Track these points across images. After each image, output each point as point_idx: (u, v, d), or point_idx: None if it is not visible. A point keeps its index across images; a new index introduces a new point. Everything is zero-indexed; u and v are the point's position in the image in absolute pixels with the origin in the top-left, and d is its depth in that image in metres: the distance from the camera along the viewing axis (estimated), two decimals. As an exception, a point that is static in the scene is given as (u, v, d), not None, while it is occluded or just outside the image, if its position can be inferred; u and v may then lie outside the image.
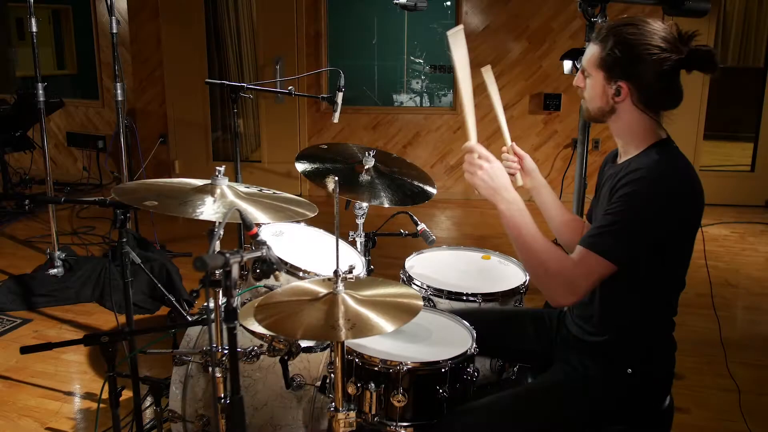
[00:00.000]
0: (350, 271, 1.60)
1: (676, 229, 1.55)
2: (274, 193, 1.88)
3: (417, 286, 2.19)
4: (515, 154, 2.01)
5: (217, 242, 1.29)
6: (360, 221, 2.50)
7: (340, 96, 2.69)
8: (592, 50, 1.64)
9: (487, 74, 2.00)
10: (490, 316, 1.94)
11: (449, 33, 1.72)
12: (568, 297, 1.55)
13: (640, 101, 1.61)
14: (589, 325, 1.73)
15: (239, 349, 1.78)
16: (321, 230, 2.59)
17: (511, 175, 1.96)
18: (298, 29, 5.84)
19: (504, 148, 2.02)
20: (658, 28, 1.56)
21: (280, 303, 1.55)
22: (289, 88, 2.84)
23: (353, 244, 2.55)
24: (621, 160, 1.71)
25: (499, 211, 1.65)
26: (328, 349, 1.95)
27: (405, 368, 1.64)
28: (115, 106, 3.94)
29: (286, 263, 2.14)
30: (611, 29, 1.59)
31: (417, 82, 6.39)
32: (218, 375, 1.69)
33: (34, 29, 3.67)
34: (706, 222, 5.50)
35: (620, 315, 1.66)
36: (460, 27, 1.72)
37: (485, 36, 5.80)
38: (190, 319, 2.73)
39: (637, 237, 1.51)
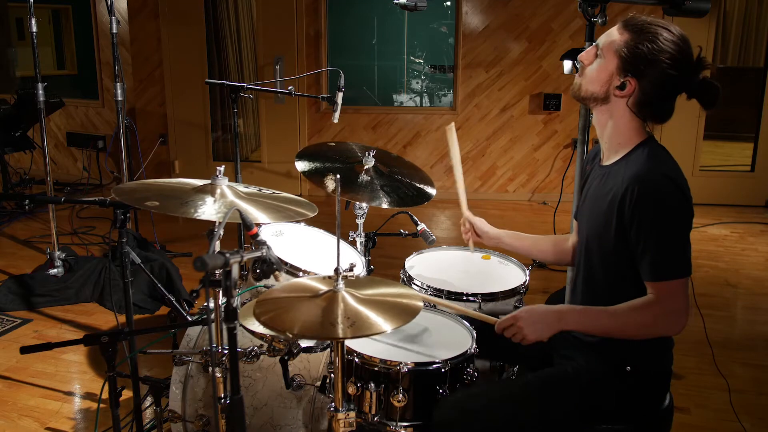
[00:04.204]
0: (351, 269, 1.60)
1: None
2: (273, 193, 1.88)
3: (417, 286, 2.19)
4: (468, 222, 2.15)
5: (217, 242, 1.29)
6: (360, 221, 2.50)
7: (340, 96, 2.69)
8: (617, 35, 1.61)
9: (450, 133, 2.23)
10: (487, 326, 1.93)
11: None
12: (678, 326, 1.56)
13: (635, 104, 1.61)
14: None
15: (239, 349, 1.78)
16: (321, 230, 2.60)
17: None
18: (298, 29, 5.84)
19: (462, 220, 2.17)
20: (685, 42, 1.56)
21: (279, 298, 1.54)
22: (289, 88, 2.84)
23: (353, 244, 2.55)
24: (607, 161, 1.71)
25: (572, 330, 1.69)
26: (328, 349, 1.95)
27: (405, 368, 1.64)
28: (115, 106, 3.94)
29: (286, 263, 2.14)
30: (649, 24, 1.57)
31: (417, 82, 6.40)
32: (218, 375, 1.69)
33: (34, 29, 3.67)
34: (706, 222, 5.51)
35: None
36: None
37: (485, 36, 5.80)
38: (190, 319, 2.73)
39: (686, 240, 1.54)
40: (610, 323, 1.61)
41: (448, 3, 6.04)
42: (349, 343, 1.72)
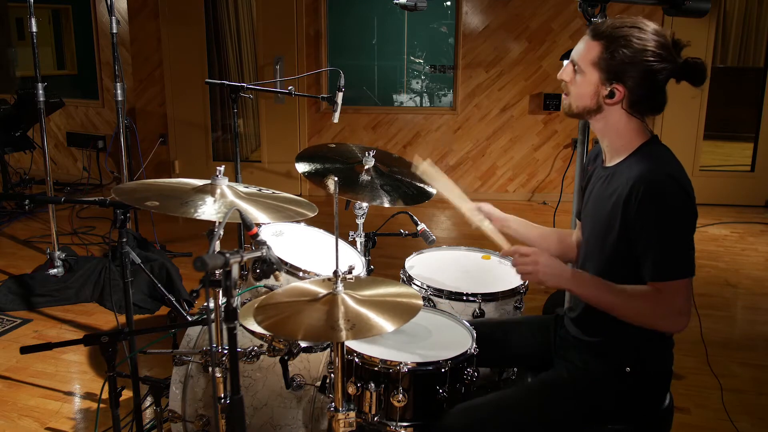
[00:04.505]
0: (350, 272, 1.60)
1: None
2: (273, 193, 1.88)
3: (417, 286, 2.19)
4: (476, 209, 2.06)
5: (217, 242, 1.29)
6: (360, 221, 2.50)
7: (340, 96, 2.69)
8: (589, 47, 1.60)
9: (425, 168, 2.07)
10: (488, 328, 1.93)
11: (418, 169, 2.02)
12: (677, 326, 1.56)
13: (629, 105, 1.61)
14: (585, 325, 1.73)
15: (239, 349, 1.78)
16: (321, 230, 2.60)
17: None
18: (298, 29, 5.84)
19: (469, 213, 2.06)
20: (658, 33, 1.56)
21: (280, 303, 1.55)
22: (289, 88, 2.84)
23: (353, 244, 2.55)
24: (610, 162, 1.71)
25: (572, 292, 1.67)
26: (328, 349, 1.95)
27: (405, 368, 1.64)
28: (115, 106, 3.95)
29: (286, 263, 2.14)
30: (617, 29, 1.57)
31: (417, 82, 6.40)
32: (218, 375, 1.69)
33: (34, 29, 3.67)
34: (706, 222, 5.51)
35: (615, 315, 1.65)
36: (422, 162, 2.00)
37: (485, 36, 5.80)
38: (190, 319, 2.73)
39: (689, 241, 1.55)
40: (615, 300, 1.59)
41: (448, 3, 6.04)
42: (350, 343, 1.72)
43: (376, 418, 1.67)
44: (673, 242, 1.53)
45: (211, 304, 1.53)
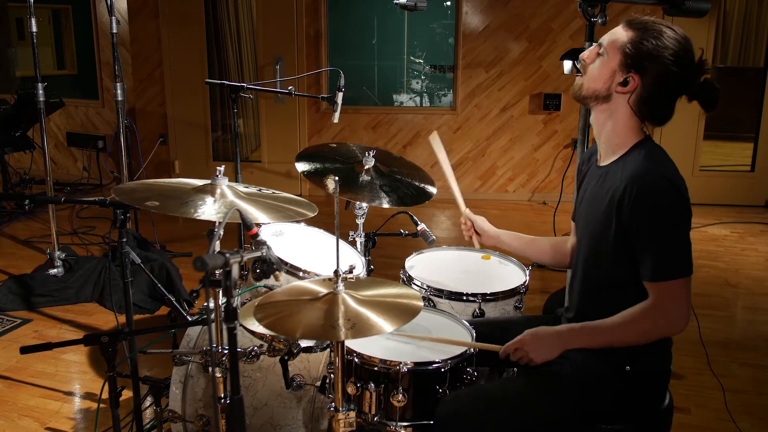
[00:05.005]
0: (350, 271, 1.60)
1: None
2: (273, 193, 1.88)
3: (417, 286, 2.19)
4: (469, 220, 2.14)
5: (217, 242, 1.29)
6: (360, 221, 2.50)
7: (340, 96, 2.69)
8: (620, 33, 1.62)
9: (434, 141, 2.24)
10: (488, 328, 1.93)
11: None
12: (678, 327, 1.57)
13: (636, 102, 1.61)
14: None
15: (239, 349, 1.78)
16: (321, 230, 2.60)
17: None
18: (298, 29, 5.84)
19: (462, 219, 2.17)
20: (687, 42, 1.58)
21: (280, 302, 1.55)
22: (289, 88, 2.84)
23: (353, 244, 2.55)
24: (604, 161, 1.71)
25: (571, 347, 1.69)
26: (328, 349, 1.96)
27: (404, 368, 1.64)
28: (115, 106, 3.95)
29: (286, 263, 2.14)
30: (654, 23, 1.59)
31: (417, 82, 6.39)
32: (218, 375, 1.69)
33: (34, 29, 3.67)
34: (706, 222, 5.50)
35: (612, 315, 1.65)
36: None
37: (485, 36, 5.80)
38: (190, 319, 2.73)
39: (686, 240, 1.55)
40: (610, 337, 1.62)
41: (448, 3, 6.04)
42: (349, 343, 1.72)
43: (375, 418, 1.67)
44: (669, 242, 1.53)
45: (211, 304, 1.53)
